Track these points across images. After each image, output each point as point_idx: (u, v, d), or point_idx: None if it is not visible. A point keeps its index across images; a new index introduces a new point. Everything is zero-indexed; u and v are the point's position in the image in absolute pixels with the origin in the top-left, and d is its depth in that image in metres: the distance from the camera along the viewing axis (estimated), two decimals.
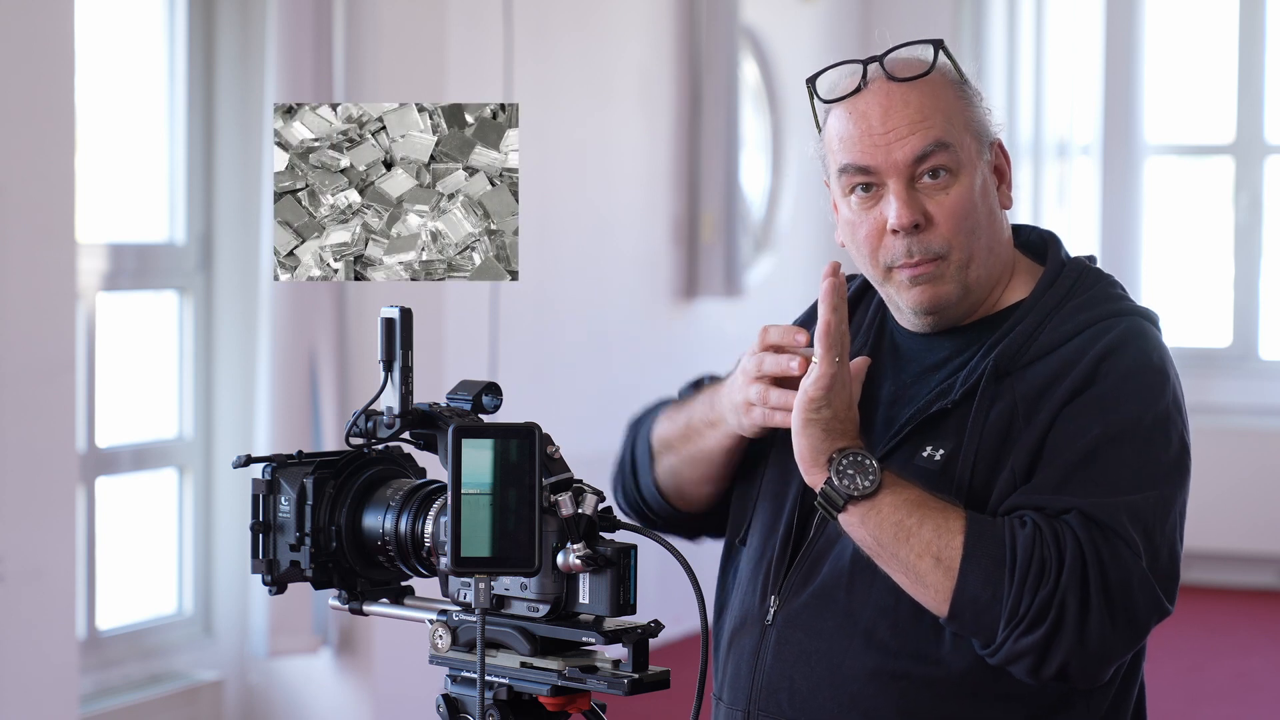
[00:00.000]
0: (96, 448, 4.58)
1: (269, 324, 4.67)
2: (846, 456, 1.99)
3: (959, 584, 1.97)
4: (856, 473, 1.99)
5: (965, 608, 1.97)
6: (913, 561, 1.98)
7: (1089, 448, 2.01)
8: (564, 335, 5.90)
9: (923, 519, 1.98)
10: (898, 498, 1.99)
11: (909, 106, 2.08)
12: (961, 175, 2.09)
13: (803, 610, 2.11)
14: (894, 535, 1.99)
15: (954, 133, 2.09)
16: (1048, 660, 1.96)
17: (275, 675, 4.97)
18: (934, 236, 2.09)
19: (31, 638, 4.01)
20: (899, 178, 2.08)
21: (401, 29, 4.96)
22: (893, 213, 2.08)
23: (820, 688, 2.08)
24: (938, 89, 2.11)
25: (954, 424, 2.08)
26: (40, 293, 4.02)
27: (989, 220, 2.12)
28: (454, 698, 1.95)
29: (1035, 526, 1.97)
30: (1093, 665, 1.98)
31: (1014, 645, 1.96)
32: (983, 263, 2.11)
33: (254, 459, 1.99)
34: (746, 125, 6.93)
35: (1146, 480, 2.01)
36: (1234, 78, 7.93)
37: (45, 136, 4.03)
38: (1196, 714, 5.87)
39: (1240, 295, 7.97)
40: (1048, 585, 1.95)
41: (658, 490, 2.28)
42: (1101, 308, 2.11)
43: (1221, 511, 7.43)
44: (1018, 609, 1.95)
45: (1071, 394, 2.04)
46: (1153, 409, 2.04)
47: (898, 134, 2.08)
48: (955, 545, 1.97)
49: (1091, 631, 1.95)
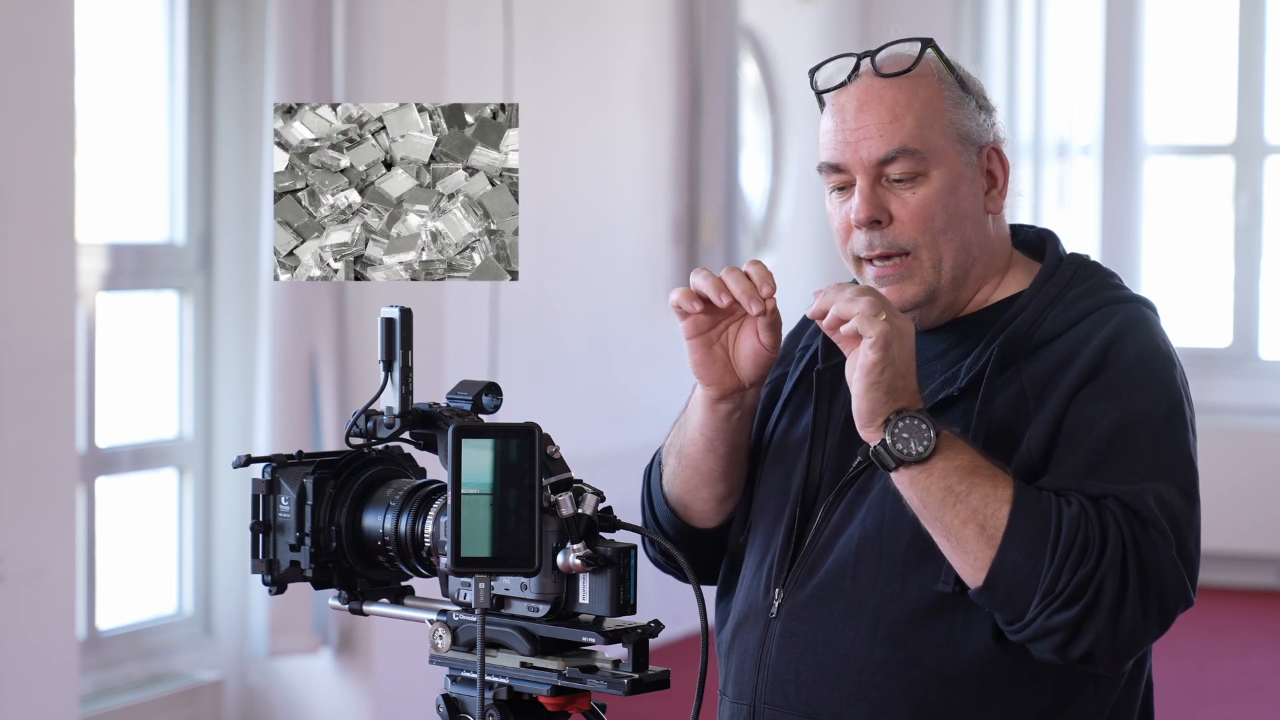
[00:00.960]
0: (96, 448, 4.58)
1: (269, 324, 4.67)
2: (904, 419, 1.97)
3: (1000, 553, 1.96)
4: (911, 437, 1.97)
5: (1002, 579, 1.96)
6: (956, 527, 1.97)
7: (1109, 435, 2.02)
8: (564, 335, 5.90)
9: (972, 486, 1.97)
10: (950, 463, 1.98)
11: (882, 104, 2.10)
12: (932, 177, 2.10)
13: (808, 602, 2.11)
14: (941, 500, 1.98)
15: (925, 134, 2.10)
16: (1077, 640, 1.96)
17: (275, 675, 4.97)
18: (897, 232, 2.10)
19: (31, 638, 4.01)
20: (865, 174, 2.10)
21: (401, 29, 4.97)
22: (852, 208, 2.11)
23: (827, 678, 2.08)
24: (918, 87, 2.11)
25: (960, 411, 2.08)
26: (40, 293, 4.03)
27: (963, 222, 2.12)
28: (454, 698, 1.95)
29: (1081, 507, 1.97)
30: (1120, 650, 1.98)
31: (1046, 621, 1.96)
32: (957, 264, 2.12)
33: (254, 459, 1.99)
34: (746, 125, 6.94)
35: (1168, 467, 2.02)
36: (1234, 78, 7.93)
37: (45, 136, 4.03)
38: (1198, 714, 5.87)
39: (1240, 295, 7.97)
40: (1088, 564, 1.94)
41: (668, 506, 2.27)
42: (1101, 295, 2.13)
43: (1221, 511, 7.41)
44: (1055, 584, 1.95)
45: (1082, 380, 2.04)
46: (1166, 395, 2.05)
47: (865, 132, 2.10)
48: (1001, 515, 1.96)
49: (1125, 616, 1.95)
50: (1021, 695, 2.05)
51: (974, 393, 2.08)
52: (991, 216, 2.16)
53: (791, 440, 2.21)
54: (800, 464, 2.17)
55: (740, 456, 2.21)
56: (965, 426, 2.06)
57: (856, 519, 2.11)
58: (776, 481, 2.20)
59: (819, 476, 2.16)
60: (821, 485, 2.16)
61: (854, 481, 2.12)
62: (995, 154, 2.16)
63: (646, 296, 6.39)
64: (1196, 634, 6.73)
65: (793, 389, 2.24)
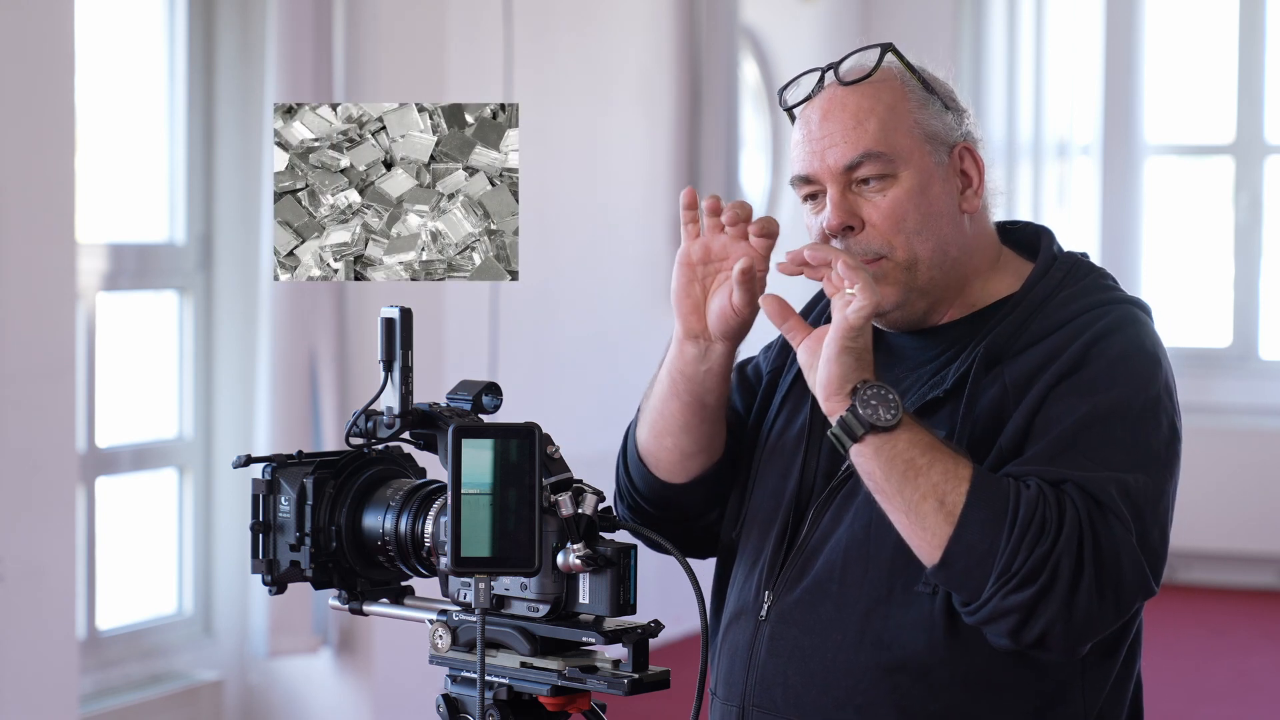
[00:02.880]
0: (96, 448, 4.58)
1: (269, 324, 4.67)
2: (871, 388, 1.99)
3: (957, 530, 1.96)
4: (879, 404, 1.98)
5: (959, 556, 1.97)
6: (916, 501, 1.98)
7: (1080, 424, 2.02)
8: (564, 335, 5.90)
9: (933, 461, 1.98)
10: (914, 435, 1.98)
11: (845, 111, 2.11)
12: (901, 178, 2.11)
13: (796, 605, 2.11)
14: (903, 472, 1.98)
15: (890, 137, 2.11)
16: (1031, 622, 1.96)
17: (275, 675, 4.97)
18: (870, 236, 2.11)
19: (31, 638, 4.01)
20: (834, 182, 2.11)
21: (401, 29, 4.97)
22: (823, 217, 2.12)
23: (814, 683, 2.08)
24: (881, 92, 2.12)
25: (947, 412, 2.08)
26: (40, 293, 4.03)
27: (937, 222, 2.12)
28: (454, 698, 1.95)
29: (1039, 489, 1.97)
30: (1074, 635, 1.98)
31: (1001, 602, 1.96)
32: (934, 264, 2.12)
33: (254, 459, 1.99)
34: (746, 125, 6.94)
35: (1137, 460, 2.02)
36: (1234, 78, 7.93)
37: (45, 136, 4.03)
38: (1196, 714, 5.87)
39: (1240, 295, 7.97)
40: (1044, 545, 1.95)
41: (639, 454, 2.25)
42: (1093, 296, 2.12)
43: (1222, 511, 7.43)
44: (1011, 564, 1.95)
45: (1060, 376, 2.05)
46: (1144, 392, 2.05)
47: (831, 140, 2.11)
48: (960, 491, 1.97)
49: (1080, 599, 1.95)
50: (1009, 697, 2.05)
51: (959, 394, 2.08)
52: (969, 216, 2.16)
53: (788, 440, 2.21)
54: (795, 465, 2.18)
55: (708, 415, 2.19)
56: (951, 428, 2.06)
57: (845, 522, 2.11)
58: (772, 482, 2.20)
59: (813, 478, 2.16)
60: (815, 487, 2.16)
61: (844, 485, 2.12)
62: (968, 153, 2.16)
63: (646, 296, 6.39)
64: (1196, 634, 6.73)
65: (790, 386, 2.24)
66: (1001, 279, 2.17)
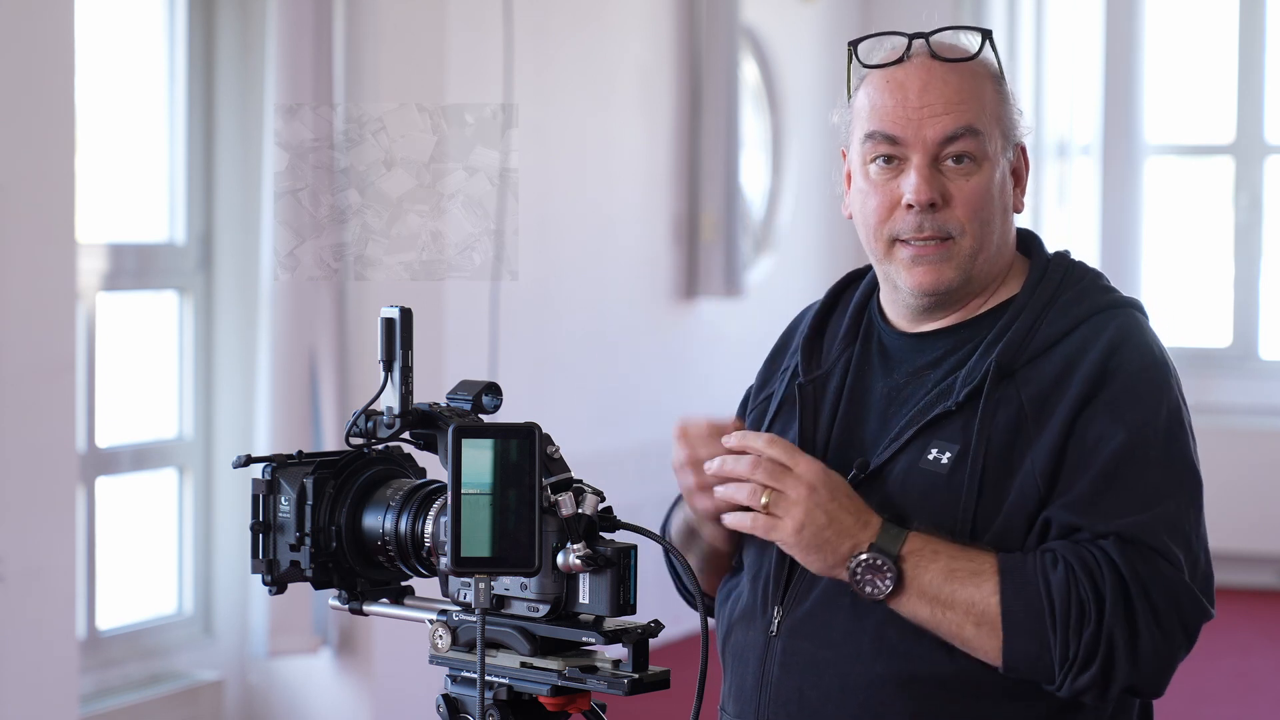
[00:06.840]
0: (96, 448, 4.58)
1: (269, 324, 4.67)
2: (861, 564, 2.01)
3: (1006, 642, 1.99)
4: (875, 576, 2.01)
5: (1018, 660, 2.00)
6: (955, 631, 2.01)
7: (1116, 458, 2.02)
8: (564, 335, 5.90)
9: (955, 590, 2.00)
10: (923, 579, 2.00)
11: (948, 86, 2.09)
12: (984, 165, 2.10)
13: (807, 619, 2.11)
14: (930, 614, 2.01)
15: (985, 123, 2.11)
16: (1110, 688, 2.00)
17: (275, 675, 4.97)
18: (949, 217, 2.09)
19: (31, 638, 4.01)
20: (924, 154, 2.09)
21: (401, 29, 4.97)
22: (910, 187, 2.09)
23: (830, 696, 2.08)
24: (978, 77, 2.12)
25: (958, 425, 2.07)
26: (40, 293, 4.03)
27: (1002, 217, 2.13)
28: (454, 698, 1.95)
29: (1068, 566, 1.98)
30: (1155, 679, 2.01)
31: (1073, 684, 1.99)
32: (991, 256, 2.13)
33: (254, 459, 1.99)
34: (746, 125, 6.93)
35: (1176, 476, 2.04)
36: (1234, 78, 7.93)
37: (45, 136, 4.03)
38: (1197, 714, 5.87)
39: (1240, 295, 7.97)
40: (1090, 626, 1.97)
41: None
42: (1094, 300, 2.13)
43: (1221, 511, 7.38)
44: (1067, 653, 1.98)
45: (1084, 398, 2.04)
46: (1166, 404, 2.06)
47: (932, 110, 2.09)
48: (992, 604, 1.99)
49: (1144, 653, 1.98)
50: (1021, 705, 2.06)
51: (971, 407, 2.07)
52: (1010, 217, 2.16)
53: None
54: None
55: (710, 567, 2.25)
56: (964, 444, 2.06)
57: None
58: None
59: None
60: None
61: None
62: (1022, 153, 2.17)
63: (646, 296, 6.39)
64: None
65: (779, 407, 2.24)
66: (1010, 280, 2.17)
